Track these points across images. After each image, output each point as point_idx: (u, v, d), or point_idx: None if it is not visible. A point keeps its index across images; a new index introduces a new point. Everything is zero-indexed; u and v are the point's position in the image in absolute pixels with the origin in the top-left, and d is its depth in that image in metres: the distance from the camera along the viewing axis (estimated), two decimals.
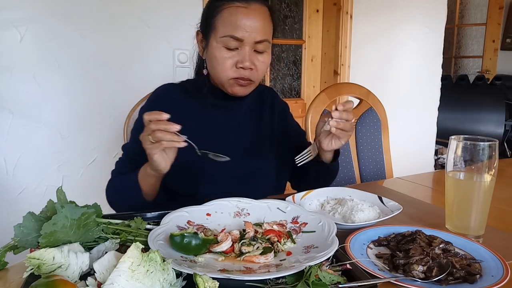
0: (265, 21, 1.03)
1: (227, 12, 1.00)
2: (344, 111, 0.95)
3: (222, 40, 1.01)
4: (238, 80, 1.04)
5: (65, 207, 0.67)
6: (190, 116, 1.10)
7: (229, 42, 1.00)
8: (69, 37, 1.81)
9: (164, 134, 0.84)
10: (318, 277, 0.61)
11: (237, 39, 1.00)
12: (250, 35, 1.00)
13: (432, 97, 3.08)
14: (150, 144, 0.87)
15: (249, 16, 0.99)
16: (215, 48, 1.03)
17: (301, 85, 2.80)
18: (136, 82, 1.95)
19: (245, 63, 1.01)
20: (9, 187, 1.80)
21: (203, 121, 1.12)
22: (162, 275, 0.57)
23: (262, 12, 1.02)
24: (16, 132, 1.78)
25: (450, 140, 0.88)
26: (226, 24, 1.00)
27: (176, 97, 1.12)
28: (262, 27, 1.01)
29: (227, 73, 1.03)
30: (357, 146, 1.61)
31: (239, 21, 0.99)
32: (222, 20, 1.01)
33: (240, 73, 1.03)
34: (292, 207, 0.90)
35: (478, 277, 0.67)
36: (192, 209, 0.87)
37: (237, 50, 1.02)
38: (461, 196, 0.89)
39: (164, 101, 1.11)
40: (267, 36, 1.03)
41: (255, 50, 1.03)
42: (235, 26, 0.99)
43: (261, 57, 1.04)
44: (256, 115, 1.20)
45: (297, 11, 2.69)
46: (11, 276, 0.69)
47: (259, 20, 1.01)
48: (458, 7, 5.93)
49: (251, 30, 0.99)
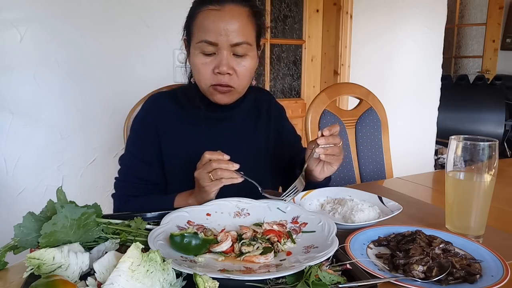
0: (243, 22, 0.97)
1: (201, 16, 0.97)
2: (330, 136, 0.92)
3: (198, 46, 0.98)
4: (216, 87, 1.00)
5: (65, 207, 0.67)
6: (182, 129, 1.08)
7: (204, 47, 0.97)
8: (69, 37, 1.81)
9: (224, 172, 0.87)
10: (318, 277, 0.61)
11: (211, 43, 0.96)
12: (224, 38, 0.95)
13: (432, 97, 3.08)
14: (210, 182, 0.89)
15: (222, 18, 0.95)
16: (193, 55, 1.01)
17: (301, 85, 2.80)
18: (136, 82, 1.95)
19: (221, 68, 0.97)
20: (9, 187, 1.80)
21: (196, 133, 1.09)
22: (162, 275, 0.57)
23: (239, 13, 0.97)
24: (16, 132, 1.78)
25: (450, 140, 0.88)
26: (200, 29, 0.97)
27: (168, 109, 1.09)
28: (239, 29, 0.96)
29: (206, 81, 1.01)
30: (357, 146, 1.61)
31: (211, 24, 0.95)
32: (197, 25, 0.98)
33: (218, 79, 0.99)
34: (292, 207, 0.90)
35: (478, 277, 0.67)
36: (192, 209, 0.87)
37: (214, 55, 0.98)
38: (461, 196, 0.89)
39: (156, 113, 1.09)
40: (246, 38, 0.98)
41: (234, 54, 0.98)
42: (207, 30, 0.96)
43: (243, 61, 1.00)
44: (252, 121, 1.17)
45: (297, 11, 2.69)
46: (11, 276, 0.69)
47: (234, 22, 0.96)
48: (458, 7, 5.93)
49: (225, 33, 0.95)
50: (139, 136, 1.09)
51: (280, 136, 1.21)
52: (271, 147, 1.18)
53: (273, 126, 1.20)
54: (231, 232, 0.78)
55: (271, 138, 1.19)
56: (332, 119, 1.57)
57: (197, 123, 1.09)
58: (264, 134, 1.18)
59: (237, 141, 1.12)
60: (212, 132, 1.10)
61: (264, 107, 1.20)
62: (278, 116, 1.24)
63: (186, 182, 1.05)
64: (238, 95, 1.06)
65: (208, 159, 0.89)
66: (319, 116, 1.55)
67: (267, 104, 1.22)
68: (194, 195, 0.96)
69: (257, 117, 1.18)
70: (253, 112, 1.17)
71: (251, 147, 1.14)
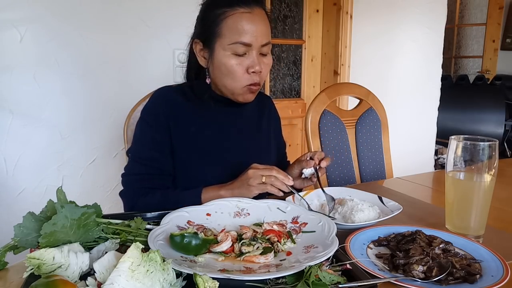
0: (267, 24, 1.05)
1: (232, 19, 1.01)
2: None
3: (230, 47, 1.01)
4: (251, 87, 1.06)
5: (65, 207, 0.67)
6: (191, 121, 1.10)
7: (237, 48, 1.01)
8: (69, 37, 1.81)
9: (277, 181, 0.94)
10: (318, 277, 0.61)
11: (246, 44, 1.01)
12: (257, 39, 1.01)
13: (432, 97, 3.08)
14: (260, 183, 0.94)
15: (254, 21, 1.01)
16: (223, 56, 1.03)
17: (301, 85, 2.80)
18: (136, 82, 1.95)
19: (256, 67, 1.03)
20: (9, 187, 1.80)
21: (204, 125, 1.11)
22: (162, 275, 0.57)
23: (263, 15, 1.04)
24: (16, 132, 1.78)
25: (450, 140, 0.88)
26: (233, 31, 1.00)
27: (177, 101, 1.11)
28: (266, 30, 1.04)
29: (240, 81, 1.04)
30: (357, 146, 1.61)
31: (245, 26, 1.00)
32: (228, 27, 1.01)
33: (252, 78, 1.05)
34: (292, 207, 0.90)
35: (478, 277, 0.67)
36: (192, 209, 0.87)
37: (245, 55, 1.03)
38: (461, 196, 0.89)
39: (166, 104, 1.10)
40: (269, 38, 1.06)
41: (260, 53, 1.05)
42: (242, 32, 1.00)
43: (266, 59, 1.07)
44: (255, 119, 1.22)
45: (297, 11, 2.69)
46: (11, 276, 0.69)
47: (263, 24, 1.03)
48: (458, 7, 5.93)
49: (258, 34, 1.01)
50: (149, 127, 1.09)
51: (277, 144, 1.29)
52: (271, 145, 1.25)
53: (273, 131, 1.28)
54: (231, 232, 0.78)
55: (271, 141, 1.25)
56: (332, 119, 1.57)
57: (205, 116, 1.12)
58: (266, 133, 1.24)
59: (243, 136, 1.16)
60: (220, 126, 1.13)
61: (266, 109, 1.27)
62: (276, 121, 1.31)
63: (195, 173, 1.08)
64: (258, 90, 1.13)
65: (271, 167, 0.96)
66: (319, 116, 1.55)
67: (268, 108, 1.28)
68: (231, 187, 0.98)
69: (260, 117, 1.23)
70: (257, 111, 1.23)
71: (255, 143, 1.19)
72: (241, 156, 1.13)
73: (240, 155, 1.13)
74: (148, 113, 1.11)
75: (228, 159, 1.11)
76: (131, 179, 1.07)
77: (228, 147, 1.12)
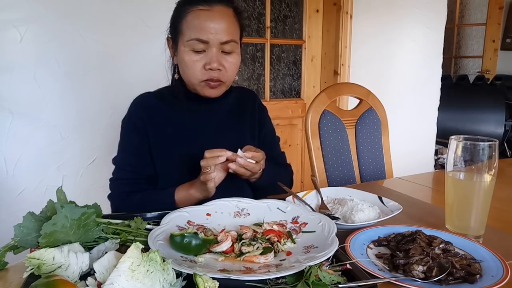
0: (230, 22, 1.05)
1: (191, 16, 1.03)
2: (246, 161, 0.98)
3: (188, 43, 1.03)
4: (208, 82, 1.06)
5: (65, 207, 0.67)
6: (168, 123, 1.12)
7: (195, 45, 1.03)
8: (69, 37, 1.81)
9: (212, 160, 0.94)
10: (318, 277, 0.61)
11: (202, 41, 1.02)
12: (215, 36, 1.02)
13: (432, 97, 3.08)
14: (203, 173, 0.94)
15: (212, 18, 1.02)
16: (183, 52, 1.05)
17: (301, 85, 2.80)
18: (136, 82, 1.95)
19: (213, 64, 1.03)
20: (9, 187, 1.80)
21: (182, 126, 1.13)
22: (162, 275, 0.57)
23: (226, 14, 1.04)
24: (16, 132, 1.78)
25: (450, 140, 0.88)
26: (191, 27, 1.03)
27: (153, 105, 1.14)
28: (227, 28, 1.03)
29: (197, 76, 1.06)
30: (357, 146, 1.61)
31: (202, 23, 1.01)
32: (187, 24, 1.04)
33: (209, 74, 1.05)
34: (292, 207, 0.90)
35: (478, 277, 0.67)
36: (192, 209, 0.87)
37: (204, 53, 1.04)
38: (461, 196, 0.89)
39: (142, 110, 1.13)
40: (233, 36, 1.05)
41: (222, 51, 1.05)
42: (199, 29, 1.02)
43: (230, 58, 1.06)
44: (237, 116, 1.21)
45: (297, 11, 2.69)
46: (11, 276, 0.69)
47: (223, 22, 1.03)
48: (458, 7, 5.93)
49: (216, 32, 1.02)
50: (128, 134, 1.14)
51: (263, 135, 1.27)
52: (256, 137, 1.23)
53: (258, 123, 1.25)
54: (231, 232, 0.78)
55: (255, 134, 1.23)
56: (332, 119, 1.57)
57: (182, 116, 1.14)
58: (248, 129, 1.22)
59: (221, 133, 1.17)
60: (196, 124, 1.14)
61: (249, 105, 1.25)
62: (262, 115, 1.29)
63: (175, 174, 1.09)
64: (225, 88, 1.12)
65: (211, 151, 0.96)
66: (319, 116, 1.55)
67: (251, 102, 1.27)
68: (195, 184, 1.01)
69: (242, 113, 1.23)
70: (237, 107, 1.22)
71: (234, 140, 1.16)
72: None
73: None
74: (126, 120, 1.15)
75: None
76: (114, 184, 1.13)
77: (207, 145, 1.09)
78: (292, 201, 0.96)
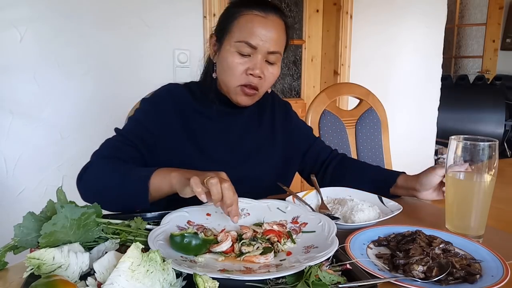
0: (280, 33, 1.04)
1: (245, 19, 1.02)
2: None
3: (236, 45, 1.02)
4: (244, 88, 1.04)
5: (65, 207, 0.67)
6: (193, 120, 1.10)
7: (242, 48, 1.01)
8: (69, 37, 1.81)
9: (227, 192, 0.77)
10: (318, 277, 0.61)
11: (251, 46, 1.01)
12: (264, 44, 1.01)
13: (432, 97, 3.09)
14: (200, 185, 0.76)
15: (266, 25, 1.01)
16: (227, 52, 1.04)
17: (301, 85, 2.80)
18: (136, 82, 1.95)
19: (255, 71, 1.02)
20: (9, 187, 1.80)
21: (206, 126, 1.11)
22: (162, 275, 0.57)
23: (279, 25, 1.04)
24: (16, 132, 1.78)
25: (450, 140, 0.88)
26: (243, 30, 1.02)
27: (182, 99, 1.11)
28: (277, 39, 1.03)
29: (236, 79, 1.04)
30: (357, 146, 1.61)
31: (255, 28, 1.01)
32: (239, 25, 1.02)
33: (249, 80, 1.04)
34: (292, 207, 0.90)
35: (478, 277, 0.67)
36: (192, 209, 0.87)
37: (249, 57, 1.03)
38: (461, 196, 0.89)
39: (171, 100, 1.10)
40: (280, 48, 1.05)
41: (266, 61, 1.04)
42: (251, 33, 1.01)
43: (271, 68, 1.06)
44: (256, 118, 1.20)
45: (297, 11, 2.69)
46: (11, 276, 0.69)
47: (275, 32, 1.02)
48: (458, 7, 5.93)
49: (266, 40, 1.01)
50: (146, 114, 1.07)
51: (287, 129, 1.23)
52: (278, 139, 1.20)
53: (279, 120, 1.23)
54: (231, 232, 0.78)
55: (276, 131, 1.20)
56: (332, 119, 1.57)
57: (208, 114, 1.12)
58: (269, 126, 1.20)
59: (243, 135, 1.15)
60: (221, 125, 1.13)
61: (268, 102, 1.23)
62: (284, 110, 1.27)
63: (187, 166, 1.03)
64: (257, 98, 1.11)
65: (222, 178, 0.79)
66: (319, 116, 1.55)
67: (270, 99, 1.25)
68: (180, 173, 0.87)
69: (262, 111, 1.21)
70: (258, 107, 1.20)
71: (254, 141, 1.16)
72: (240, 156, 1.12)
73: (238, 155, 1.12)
74: (150, 101, 1.10)
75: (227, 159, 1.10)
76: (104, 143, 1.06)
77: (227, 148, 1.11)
78: (292, 201, 0.96)
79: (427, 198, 1.07)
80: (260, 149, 1.17)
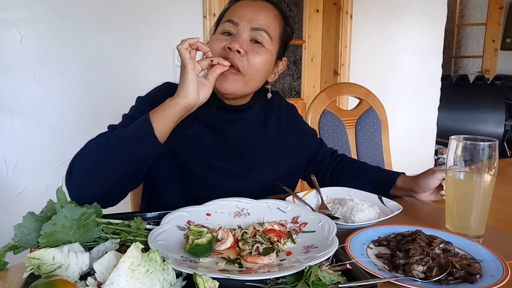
0: (269, 16, 0.99)
1: (234, 5, 1.01)
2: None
3: (221, 27, 0.99)
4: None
5: (65, 207, 0.67)
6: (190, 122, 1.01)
7: (225, 27, 0.97)
8: (69, 37, 1.81)
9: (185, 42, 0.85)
10: (318, 277, 0.61)
11: (233, 22, 0.96)
12: (245, 19, 0.96)
13: (432, 97, 3.09)
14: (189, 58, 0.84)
15: (252, 7, 0.98)
16: (213, 38, 0.99)
17: (301, 85, 2.80)
18: (136, 82, 1.95)
19: (233, 44, 0.92)
20: (9, 187, 1.80)
21: (204, 129, 1.06)
22: (162, 275, 0.57)
23: (268, 9, 1.00)
24: (16, 132, 1.78)
25: (450, 140, 0.88)
26: (229, 13, 1.00)
27: None
28: (263, 18, 0.97)
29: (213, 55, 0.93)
30: (357, 146, 1.61)
31: (240, 8, 0.99)
32: (227, 13, 1.01)
33: (225, 54, 0.93)
34: (292, 207, 0.90)
35: (478, 277, 0.67)
36: (192, 209, 0.87)
37: (231, 36, 0.97)
38: (461, 196, 0.89)
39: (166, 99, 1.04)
40: (268, 28, 0.97)
41: (253, 40, 0.97)
42: (235, 12, 0.99)
43: (258, 49, 0.96)
44: (262, 122, 1.14)
45: (297, 11, 2.69)
46: (11, 276, 0.68)
47: (261, 11, 0.98)
48: (458, 7, 5.93)
49: (249, 17, 0.96)
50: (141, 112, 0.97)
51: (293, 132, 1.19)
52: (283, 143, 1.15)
53: (285, 123, 1.18)
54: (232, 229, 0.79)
55: (281, 135, 1.16)
56: (332, 119, 1.57)
57: (206, 119, 1.05)
58: (274, 130, 1.15)
59: (245, 144, 1.10)
60: (219, 132, 1.07)
61: (275, 104, 1.18)
62: (290, 113, 1.22)
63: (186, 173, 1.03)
64: (242, 84, 0.97)
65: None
66: (319, 116, 1.55)
67: (277, 100, 1.18)
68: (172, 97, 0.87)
69: (266, 119, 1.15)
70: (262, 113, 1.14)
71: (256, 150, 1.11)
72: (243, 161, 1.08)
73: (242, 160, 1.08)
74: (144, 99, 1.06)
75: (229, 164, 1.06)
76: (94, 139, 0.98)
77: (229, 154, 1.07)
78: (292, 201, 0.96)
79: (425, 199, 1.08)
80: (264, 157, 1.12)
